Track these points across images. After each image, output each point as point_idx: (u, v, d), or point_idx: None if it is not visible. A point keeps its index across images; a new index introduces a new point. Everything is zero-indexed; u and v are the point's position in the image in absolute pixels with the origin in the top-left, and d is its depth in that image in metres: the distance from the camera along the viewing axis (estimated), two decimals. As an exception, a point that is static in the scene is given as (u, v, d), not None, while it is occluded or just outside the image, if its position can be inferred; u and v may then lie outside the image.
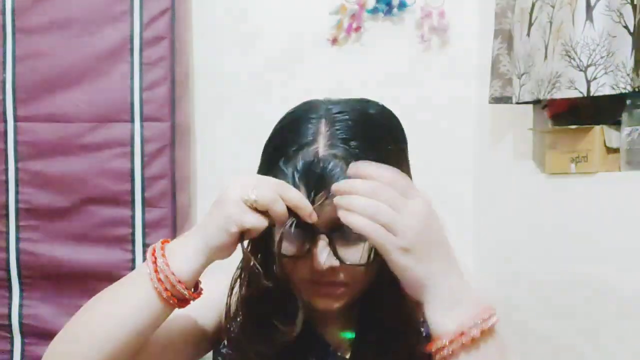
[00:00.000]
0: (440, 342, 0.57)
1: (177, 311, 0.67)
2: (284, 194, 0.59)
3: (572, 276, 1.30)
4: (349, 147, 0.63)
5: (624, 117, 1.19)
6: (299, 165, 0.63)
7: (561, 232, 1.36)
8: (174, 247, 0.62)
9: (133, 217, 1.67)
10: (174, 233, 1.70)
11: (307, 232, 0.64)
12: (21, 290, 1.69)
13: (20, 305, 1.69)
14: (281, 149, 0.65)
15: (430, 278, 0.57)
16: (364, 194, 0.57)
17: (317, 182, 0.62)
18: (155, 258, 0.61)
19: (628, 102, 1.18)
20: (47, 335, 1.69)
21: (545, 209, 1.44)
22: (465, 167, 1.88)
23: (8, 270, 1.67)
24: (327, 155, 0.63)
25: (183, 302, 0.62)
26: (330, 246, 0.63)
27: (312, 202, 0.61)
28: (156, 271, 0.60)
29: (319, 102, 0.70)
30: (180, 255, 0.61)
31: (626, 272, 1.13)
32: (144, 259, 1.94)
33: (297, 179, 0.62)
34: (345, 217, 0.57)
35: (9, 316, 1.69)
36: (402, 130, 0.71)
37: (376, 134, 0.67)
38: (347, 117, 0.66)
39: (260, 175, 0.64)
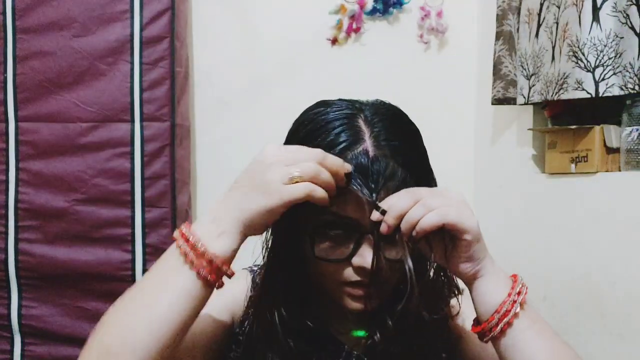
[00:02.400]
0: (503, 307, 0.61)
1: (201, 315, 0.65)
2: (324, 162, 0.60)
3: (572, 276, 1.30)
4: (394, 146, 0.65)
5: (624, 117, 1.19)
6: (355, 165, 0.63)
7: (561, 232, 1.36)
8: (206, 230, 0.60)
9: (133, 217, 1.67)
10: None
11: (352, 234, 0.65)
12: (20, 291, 1.69)
13: (20, 306, 1.69)
14: (325, 149, 0.64)
15: (486, 250, 0.63)
16: (409, 201, 0.60)
17: (374, 181, 0.63)
18: (193, 243, 0.58)
19: (628, 102, 1.18)
20: (47, 335, 1.70)
21: (545, 209, 1.44)
22: (465, 168, 1.88)
23: (7, 271, 1.67)
24: (378, 155, 0.64)
25: (222, 282, 0.61)
26: (375, 247, 0.64)
27: (375, 201, 0.62)
28: (198, 256, 0.58)
29: (338, 102, 0.71)
30: (218, 236, 0.59)
31: (626, 271, 1.13)
32: (144, 259, 1.92)
33: (357, 179, 0.63)
34: (421, 226, 0.60)
35: (9, 316, 1.69)
36: None
37: (409, 132, 0.70)
38: (382, 117, 0.68)
39: (288, 146, 0.63)
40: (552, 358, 0.61)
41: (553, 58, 1.31)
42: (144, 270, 1.67)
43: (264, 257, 0.74)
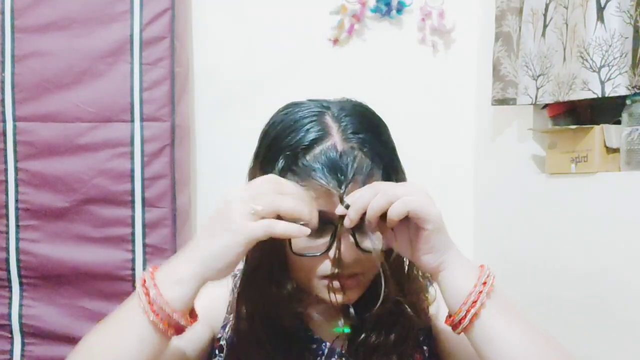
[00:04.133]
0: (470, 299, 0.61)
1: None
2: (281, 205, 0.59)
3: (572, 275, 1.31)
4: (361, 139, 0.67)
5: (624, 117, 1.19)
6: (324, 159, 0.65)
7: (561, 232, 1.36)
8: (165, 275, 0.60)
9: (133, 217, 1.67)
10: (174, 233, 1.70)
11: (327, 227, 0.66)
12: (21, 290, 1.69)
13: (20, 305, 1.69)
14: (294, 147, 0.66)
15: (451, 242, 0.63)
16: (371, 194, 0.61)
17: (344, 174, 0.64)
18: (147, 289, 0.59)
19: (628, 102, 1.19)
20: (47, 335, 1.70)
21: (545, 209, 1.44)
22: (465, 167, 1.88)
23: (8, 270, 1.67)
24: (347, 148, 0.66)
25: (180, 330, 0.61)
26: (354, 237, 0.65)
27: (343, 194, 0.64)
28: (150, 303, 0.58)
29: (306, 102, 0.72)
30: (173, 283, 0.59)
31: (626, 271, 1.13)
32: (144, 259, 1.93)
33: (326, 173, 0.64)
34: (389, 216, 0.61)
35: (9, 316, 1.69)
36: None
37: (376, 126, 0.71)
38: (348, 112, 0.69)
39: (251, 183, 0.62)
40: (523, 345, 0.62)
41: (564, 59, 1.30)
42: (144, 270, 1.67)
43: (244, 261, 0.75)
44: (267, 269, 0.71)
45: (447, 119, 1.87)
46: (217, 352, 0.77)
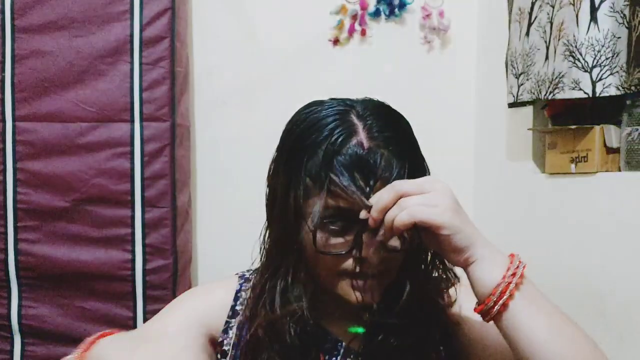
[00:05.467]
0: (497, 290, 0.62)
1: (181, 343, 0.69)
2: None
3: (571, 276, 1.30)
4: (387, 137, 0.67)
5: (624, 117, 1.19)
6: (350, 157, 0.65)
7: (561, 232, 1.36)
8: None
9: (133, 217, 1.67)
10: (174, 233, 1.70)
11: (352, 226, 0.66)
12: (20, 291, 1.69)
13: (20, 306, 1.69)
14: (320, 145, 0.66)
15: (474, 237, 0.63)
16: (391, 197, 0.62)
17: (370, 171, 0.65)
18: None
19: (628, 102, 1.18)
20: (46, 335, 1.70)
21: (545, 209, 1.44)
22: (465, 168, 1.88)
23: (7, 271, 1.67)
24: (373, 147, 0.66)
25: None
26: (379, 236, 0.65)
27: (369, 193, 0.64)
28: None
29: (330, 100, 0.72)
30: None
31: (626, 272, 1.13)
32: (144, 259, 1.93)
33: (353, 172, 0.64)
34: (396, 227, 0.62)
35: (9, 316, 1.69)
36: None
37: (400, 124, 0.71)
38: (373, 111, 0.69)
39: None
40: (550, 335, 0.62)
41: (547, 57, 1.31)
42: (144, 270, 1.67)
43: (261, 258, 0.74)
44: (285, 270, 0.71)
45: (447, 118, 1.87)
46: (219, 356, 0.76)
